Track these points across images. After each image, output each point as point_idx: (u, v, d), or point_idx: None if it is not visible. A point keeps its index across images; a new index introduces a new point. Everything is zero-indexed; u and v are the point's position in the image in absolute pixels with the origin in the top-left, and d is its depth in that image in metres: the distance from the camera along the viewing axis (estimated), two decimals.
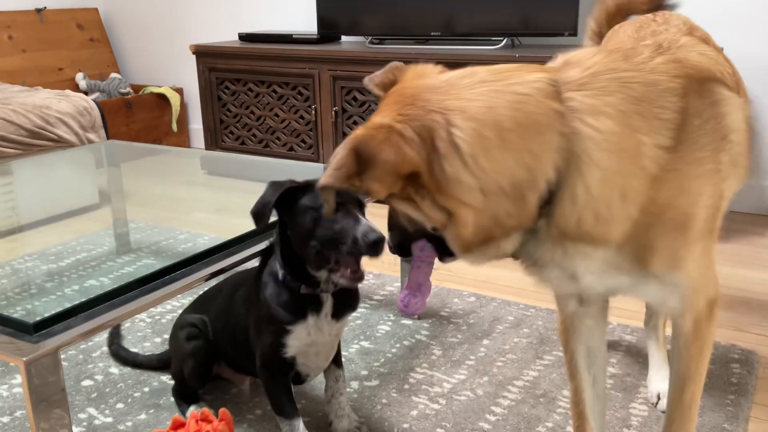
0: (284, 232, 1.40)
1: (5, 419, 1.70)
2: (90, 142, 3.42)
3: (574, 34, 3.04)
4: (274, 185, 1.35)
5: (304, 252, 1.36)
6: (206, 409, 1.39)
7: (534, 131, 0.88)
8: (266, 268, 1.46)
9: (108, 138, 3.56)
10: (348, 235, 1.31)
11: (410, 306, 1.29)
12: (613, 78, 0.93)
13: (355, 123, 3.38)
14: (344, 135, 3.43)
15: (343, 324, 1.50)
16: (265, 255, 1.50)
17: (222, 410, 1.38)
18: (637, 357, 1.89)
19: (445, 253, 1.07)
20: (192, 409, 1.65)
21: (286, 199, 1.36)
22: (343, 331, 1.60)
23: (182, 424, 1.37)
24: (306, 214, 1.33)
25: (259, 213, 1.35)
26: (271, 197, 1.34)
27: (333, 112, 3.42)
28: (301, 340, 1.43)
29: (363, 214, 1.34)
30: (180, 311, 2.24)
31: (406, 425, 1.64)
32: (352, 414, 1.60)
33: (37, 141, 3.25)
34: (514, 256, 1.02)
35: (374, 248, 1.30)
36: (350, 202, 1.33)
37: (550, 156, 0.88)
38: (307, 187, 1.36)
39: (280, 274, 1.42)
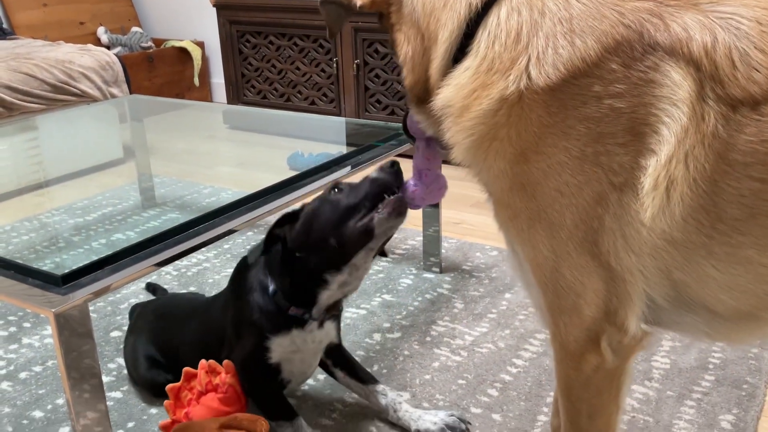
0: (284, 259, 1.37)
1: (37, 368, 1.75)
2: (113, 96, 3.43)
3: None
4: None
5: (321, 259, 1.33)
6: (212, 361, 1.39)
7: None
8: (251, 274, 1.44)
9: (130, 92, 3.56)
10: (362, 186, 1.31)
11: (407, 192, 1.28)
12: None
13: (377, 76, 3.34)
14: (366, 89, 3.40)
15: (327, 332, 1.47)
16: (243, 265, 1.48)
17: (226, 362, 1.39)
18: None
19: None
20: None
21: (284, 225, 1.37)
22: (338, 337, 1.55)
23: (194, 375, 1.39)
24: (313, 218, 1.33)
25: (254, 249, 1.38)
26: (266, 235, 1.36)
27: (354, 65, 3.38)
28: (285, 347, 1.41)
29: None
30: (205, 264, 2.27)
31: (427, 376, 1.66)
32: (428, 412, 1.49)
33: (61, 96, 3.27)
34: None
35: (393, 165, 1.30)
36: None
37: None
38: (299, 210, 1.38)
39: (271, 288, 1.40)
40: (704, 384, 1.58)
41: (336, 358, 1.55)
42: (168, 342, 1.61)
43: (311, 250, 1.33)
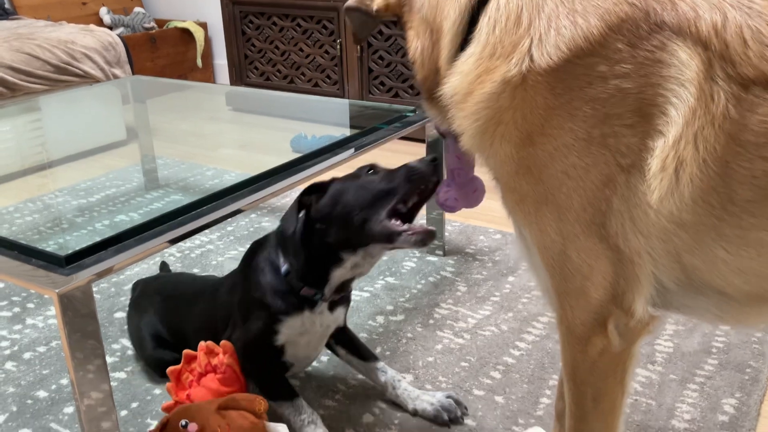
0: (306, 233, 1.36)
1: (41, 348, 1.75)
2: (115, 77, 3.42)
3: None
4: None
5: (340, 235, 1.31)
6: (210, 342, 1.39)
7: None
8: (262, 256, 1.43)
9: (133, 73, 3.55)
10: (397, 173, 1.30)
11: (439, 194, 1.26)
12: None
13: (381, 58, 3.32)
14: (370, 70, 3.38)
15: (336, 317, 1.46)
16: (255, 247, 1.47)
17: (223, 342, 1.39)
18: None
19: None
20: None
21: (312, 194, 1.35)
22: (344, 320, 1.55)
23: (194, 357, 1.39)
24: (342, 192, 1.31)
25: (288, 217, 1.35)
26: (296, 200, 1.35)
27: (358, 47, 3.36)
28: (294, 329, 1.40)
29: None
30: (209, 246, 2.27)
31: (430, 359, 1.66)
32: (427, 392, 1.50)
33: (63, 76, 3.25)
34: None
35: (434, 159, 1.30)
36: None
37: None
38: (328, 182, 1.36)
39: (283, 268, 1.39)
40: (707, 368, 1.58)
41: (338, 337, 1.55)
42: (175, 322, 1.61)
43: (333, 223, 1.31)
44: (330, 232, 1.32)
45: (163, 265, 2.05)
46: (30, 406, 1.54)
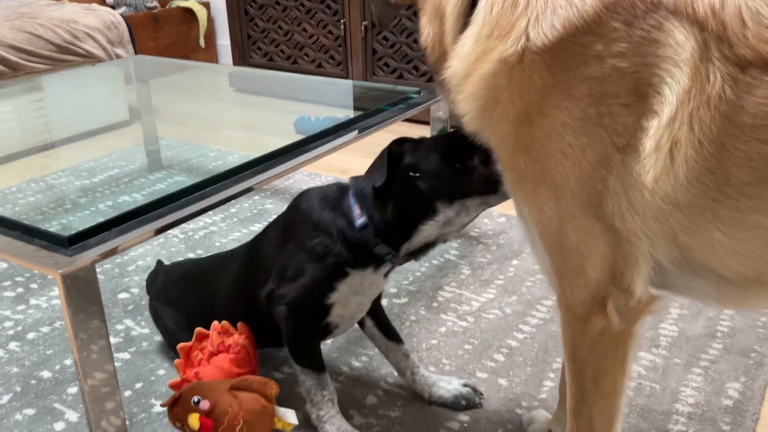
0: (392, 185, 1.27)
1: (45, 329, 1.76)
2: (118, 57, 3.40)
3: None
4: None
5: (439, 182, 1.23)
6: (226, 322, 1.38)
7: None
8: (328, 205, 1.33)
9: (135, 53, 3.53)
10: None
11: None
12: None
13: (386, 39, 3.30)
14: (374, 51, 3.36)
15: (385, 283, 1.40)
16: (307, 196, 1.38)
17: (240, 324, 1.38)
18: None
19: None
20: None
21: (404, 143, 1.28)
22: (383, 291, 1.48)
23: (206, 336, 1.38)
24: (444, 140, 1.27)
25: (376, 168, 1.28)
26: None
27: (363, 27, 3.34)
28: (352, 288, 1.32)
29: None
30: (212, 228, 2.27)
31: (434, 341, 1.66)
32: (443, 379, 1.49)
33: (66, 56, 3.23)
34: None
35: None
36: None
37: None
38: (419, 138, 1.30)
39: (359, 221, 1.29)
40: (712, 352, 1.58)
41: (370, 308, 1.48)
42: (208, 305, 1.53)
43: (431, 168, 1.24)
44: (426, 179, 1.24)
45: (159, 264, 2.03)
46: (34, 387, 1.55)
